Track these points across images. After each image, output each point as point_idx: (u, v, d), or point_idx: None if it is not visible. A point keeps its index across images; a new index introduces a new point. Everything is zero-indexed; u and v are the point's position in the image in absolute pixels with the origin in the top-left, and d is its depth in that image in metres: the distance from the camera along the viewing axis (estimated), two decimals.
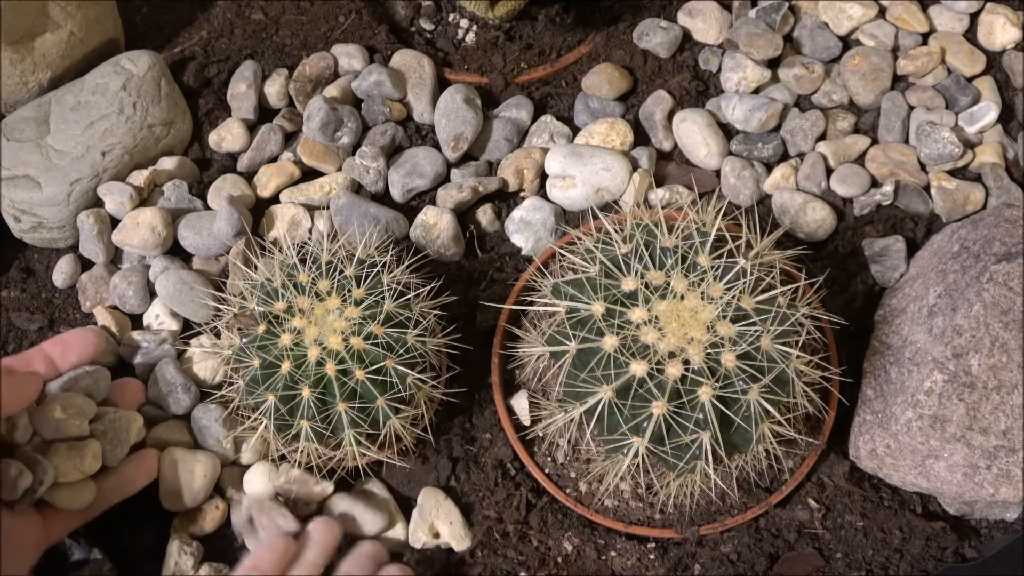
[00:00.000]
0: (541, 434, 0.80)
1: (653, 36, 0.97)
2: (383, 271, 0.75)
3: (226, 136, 0.94)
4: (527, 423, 0.79)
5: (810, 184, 0.91)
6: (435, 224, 0.88)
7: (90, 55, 0.97)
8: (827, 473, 0.80)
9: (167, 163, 0.92)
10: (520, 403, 0.79)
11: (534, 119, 0.95)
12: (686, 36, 0.99)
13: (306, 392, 0.71)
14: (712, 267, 0.68)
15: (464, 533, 0.79)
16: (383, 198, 0.92)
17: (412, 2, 1.03)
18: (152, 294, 0.88)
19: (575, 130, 0.95)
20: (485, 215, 0.91)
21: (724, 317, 0.67)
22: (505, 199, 0.92)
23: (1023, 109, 0.96)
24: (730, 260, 0.69)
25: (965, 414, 0.73)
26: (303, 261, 0.76)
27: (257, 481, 0.79)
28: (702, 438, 0.67)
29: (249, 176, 0.93)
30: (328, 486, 0.79)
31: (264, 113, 0.97)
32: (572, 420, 0.70)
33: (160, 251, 0.89)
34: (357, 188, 0.91)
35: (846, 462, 0.80)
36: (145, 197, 0.91)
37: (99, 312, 0.87)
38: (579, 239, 0.75)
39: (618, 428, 0.68)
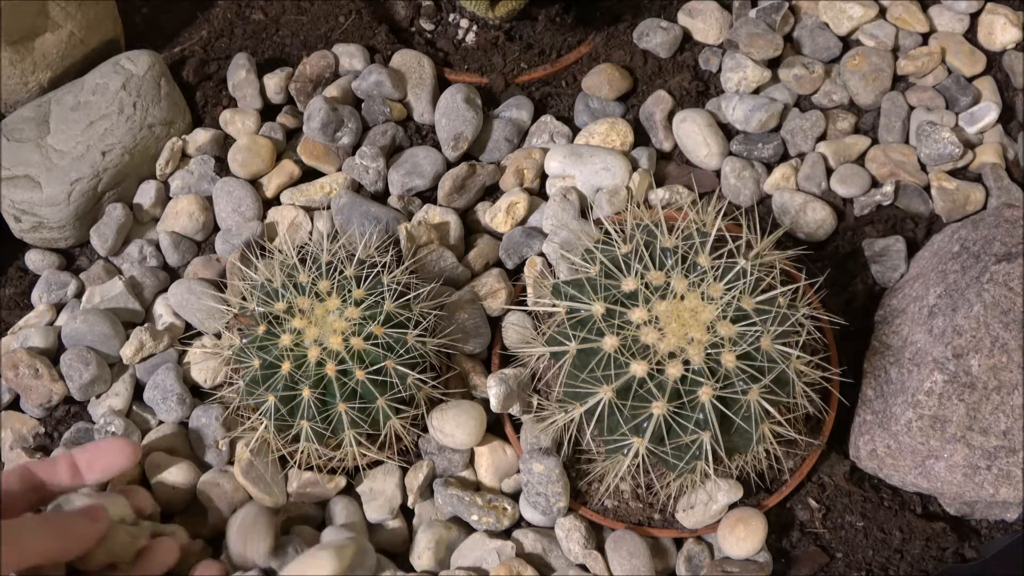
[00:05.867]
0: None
1: (653, 36, 0.97)
2: (383, 271, 0.75)
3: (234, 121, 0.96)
4: None
5: (810, 184, 0.91)
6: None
7: (90, 55, 0.97)
8: (827, 473, 0.80)
9: (200, 135, 0.93)
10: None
11: (534, 119, 0.95)
12: (686, 36, 0.99)
13: (306, 392, 0.71)
14: (712, 267, 0.68)
15: None
16: (383, 198, 0.92)
17: (412, 2, 1.03)
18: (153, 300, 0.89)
19: (575, 130, 0.95)
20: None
21: (724, 317, 0.67)
22: None
23: (1023, 109, 0.96)
24: (730, 260, 0.69)
25: (965, 414, 0.73)
26: (303, 261, 0.76)
27: None
28: (702, 438, 0.67)
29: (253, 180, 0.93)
30: (341, 480, 0.79)
31: (267, 109, 0.97)
32: (572, 420, 0.70)
33: (202, 236, 0.91)
34: (357, 188, 0.91)
35: (846, 462, 0.80)
36: (171, 170, 0.93)
37: None
38: (579, 238, 0.75)
39: (618, 428, 0.68)
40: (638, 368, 0.65)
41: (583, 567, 0.76)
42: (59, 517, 0.67)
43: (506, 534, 0.78)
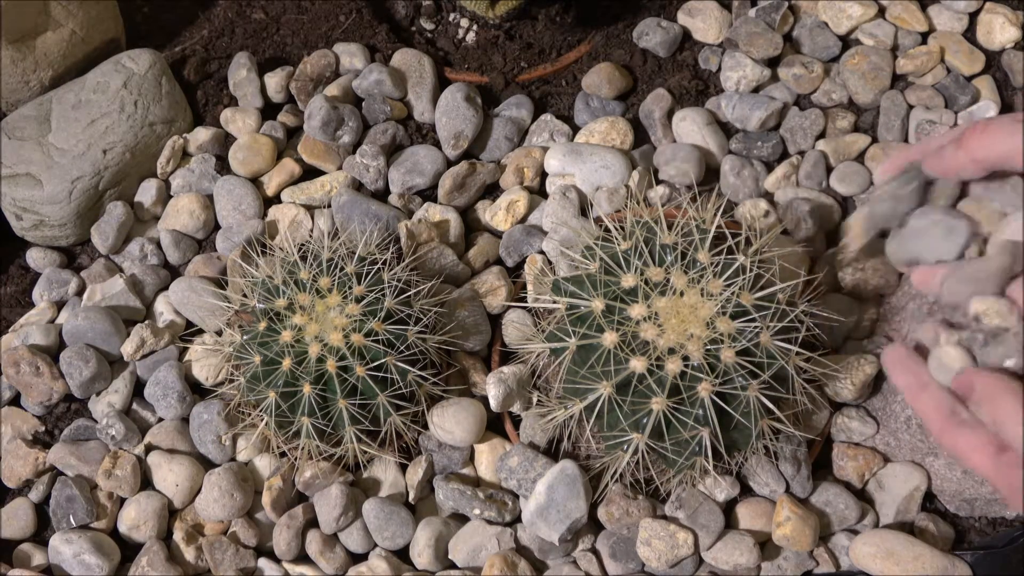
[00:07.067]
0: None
1: (653, 35, 0.97)
2: (384, 268, 0.75)
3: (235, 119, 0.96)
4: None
5: (810, 182, 0.91)
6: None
7: (91, 54, 0.97)
8: None
9: (201, 134, 0.94)
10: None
11: (534, 118, 0.96)
12: (686, 35, 0.99)
13: (307, 389, 0.71)
14: (711, 264, 0.69)
15: None
16: (383, 196, 0.92)
17: (412, 1, 1.04)
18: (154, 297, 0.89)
19: (575, 129, 0.95)
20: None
21: (723, 313, 0.67)
22: None
23: (1022, 108, 0.96)
24: (729, 257, 0.69)
25: None
26: (304, 259, 0.76)
27: None
28: (702, 434, 0.67)
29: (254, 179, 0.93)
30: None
31: (267, 108, 0.97)
32: (572, 417, 0.70)
33: (203, 234, 0.91)
34: (357, 186, 0.92)
35: None
36: (172, 169, 0.94)
37: None
38: (579, 235, 0.75)
39: (618, 424, 0.68)
40: (638, 364, 0.65)
41: (576, 563, 0.76)
42: None
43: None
